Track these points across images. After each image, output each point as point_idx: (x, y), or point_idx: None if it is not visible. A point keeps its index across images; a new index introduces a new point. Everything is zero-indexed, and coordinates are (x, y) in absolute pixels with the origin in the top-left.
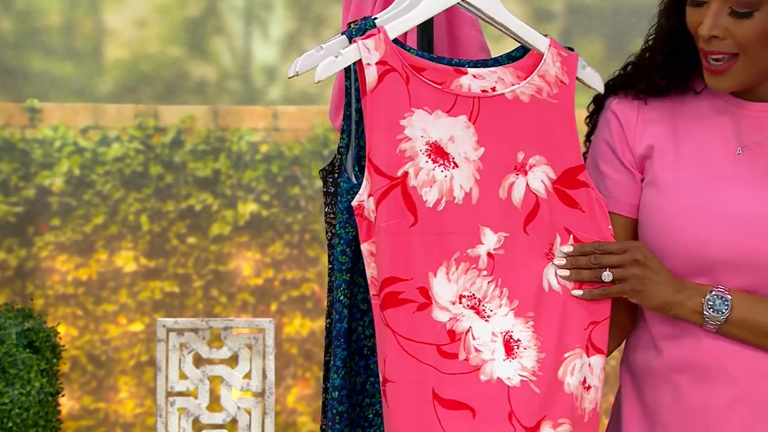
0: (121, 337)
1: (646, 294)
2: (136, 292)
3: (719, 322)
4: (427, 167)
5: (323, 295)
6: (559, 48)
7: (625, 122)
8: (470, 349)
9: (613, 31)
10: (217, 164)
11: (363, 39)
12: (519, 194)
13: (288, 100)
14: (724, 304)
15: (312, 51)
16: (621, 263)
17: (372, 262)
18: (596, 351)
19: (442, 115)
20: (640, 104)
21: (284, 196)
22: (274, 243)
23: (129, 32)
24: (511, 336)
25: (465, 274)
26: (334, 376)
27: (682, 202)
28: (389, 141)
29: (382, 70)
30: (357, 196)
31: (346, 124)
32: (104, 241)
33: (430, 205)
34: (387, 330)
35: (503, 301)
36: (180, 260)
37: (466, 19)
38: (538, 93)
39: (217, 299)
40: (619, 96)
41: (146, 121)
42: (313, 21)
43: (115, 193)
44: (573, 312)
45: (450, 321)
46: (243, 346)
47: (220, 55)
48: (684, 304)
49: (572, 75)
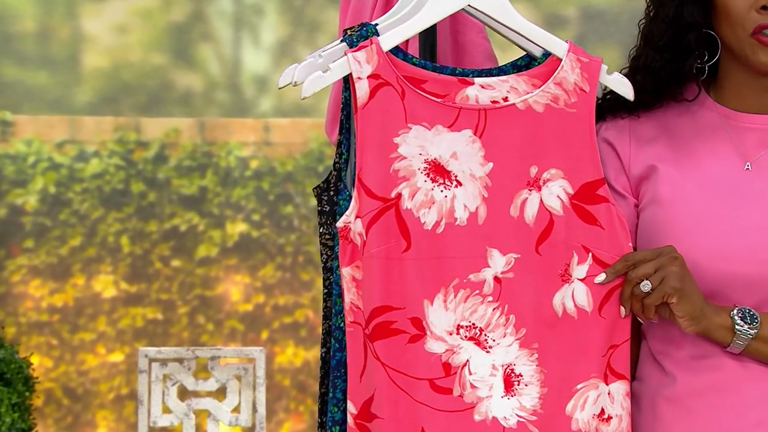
0: (100, 368)
1: (686, 294)
2: (116, 320)
3: (750, 337)
4: (425, 187)
5: (318, 322)
6: (579, 53)
7: (619, 147)
8: (466, 384)
9: (630, 38)
10: (204, 181)
11: (354, 51)
12: (532, 211)
13: (280, 112)
14: (754, 319)
15: (310, 59)
16: (659, 266)
17: (353, 287)
18: (617, 377)
19: (443, 130)
20: (631, 123)
21: (276, 215)
22: (265, 266)
23: (109, 39)
24: (512, 370)
25: (464, 302)
26: (334, 410)
27: (694, 217)
28: (381, 160)
29: (374, 85)
30: (343, 216)
31: (344, 137)
32: (81, 265)
33: (428, 228)
34: (377, 363)
35: (508, 330)
36: (163, 285)
37: (471, 25)
38: (554, 102)
39: (204, 327)
40: (608, 121)
41: (127, 134)
42: (308, 27)
43: (93, 212)
44: (590, 337)
45: (446, 353)
46: (231, 377)
47: (207, 63)
48: (712, 318)
49: (594, 82)
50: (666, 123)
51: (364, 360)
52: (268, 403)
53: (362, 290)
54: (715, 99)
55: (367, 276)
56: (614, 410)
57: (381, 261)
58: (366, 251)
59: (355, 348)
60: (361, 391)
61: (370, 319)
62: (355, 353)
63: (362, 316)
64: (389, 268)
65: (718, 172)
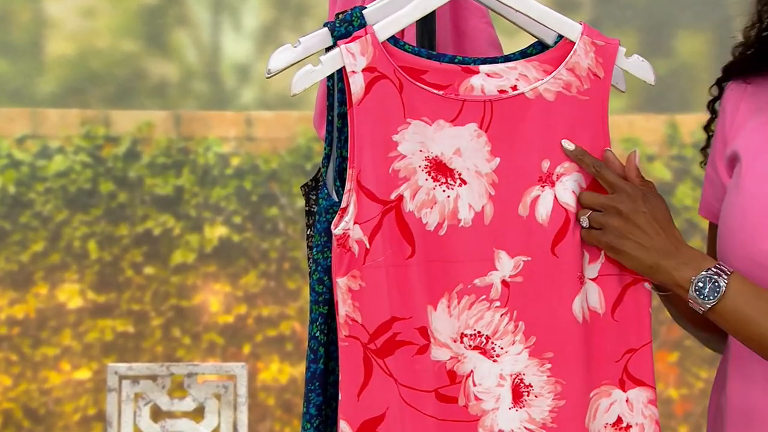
0: (64, 387)
1: (623, 253)
2: (83, 333)
3: (702, 309)
4: (427, 186)
5: (305, 336)
6: (594, 36)
7: (731, 113)
8: (470, 396)
9: (650, 23)
10: (180, 180)
11: (347, 42)
12: (546, 209)
13: (264, 104)
14: (715, 290)
15: (287, 45)
16: (603, 207)
17: (349, 299)
18: (636, 383)
19: (445, 125)
20: (750, 87)
21: (259, 217)
22: (248, 273)
23: (74, 23)
24: (521, 380)
25: (469, 309)
26: (307, 426)
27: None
28: (380, 160)
29: (370, 78)
30: (342, 222)
31: (327, 131)
32: (44, 272)
33: (430, 229)
34: (389, 381)
35: (517, 338)
36: (135, 294)
37: (474, 9)
38: (566, 89)
39: (180, 341)
40: (735, 81)
41: (95, 129)
42: (294, 10)
43: (57, 214)
44: (605, 341)
45: (451, 360)
46: (210, 396)
47: (184, 50)
48: (670, 273)
49: (609, 67)
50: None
51: (366, 377)
52: (251, 424)
53: (361, 302)
54: None
55: (371, 287)
56: (634, 418)
57: (387, 270)
58: (369, 260)
59: (351, 364)
60: (360, 409)
61: (378, 334)
62: (351, 369)
63: (362, 329)
64: (395, 276)
65: None
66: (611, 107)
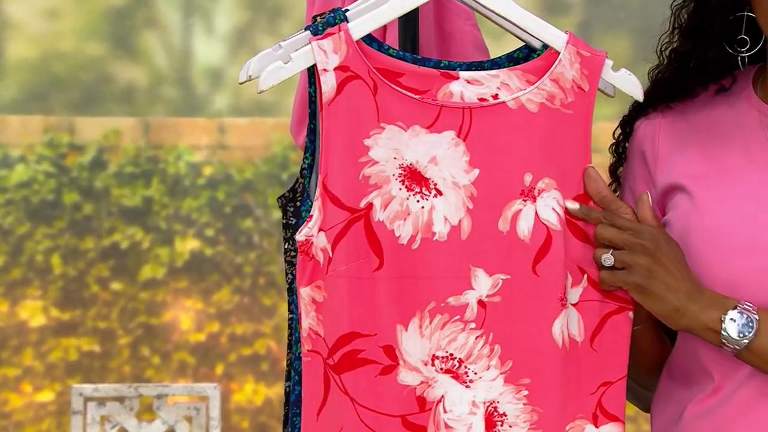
0: (25, 409)
1: (650, 294)
2: (45, 352)
3: (738, 348)
4: (400, 196)
5: (282, 354)
6: (580, 46)
7: (650, 151)
8: (440, 424)
9: (642, 26)
10: (149, 191)
11: (319, 39)
12: (527, 225)
13: (238, 111)
14: (748, 326)
15: (269, 50)
16: (627, 245)
17: (312, 311)
18: (609, 418)
19: (421, 131)
20: (665, 120)
21: (233, 230)
22: (221, 289)
23: (36, 25)
24: (495, 408)
25: (441, 329)
26: None
27: (726, 237)
28: (349, 165)
29: (342, 78)
30: (305, 229)
31: (309, 140)
32: (5, 288)
33: (403, 242)
34: (344, 399)
35: (492, 362)
36: (101, 311)
37: (459, 10)
38: (549, 101)
39: (149, 360)
40: (649, 116)
41: (59, 136)
42: (269, 12)
43: (18, 227)
44: (582, 371)
45: (421, 385)
46: (181, 418)
47: (153, 53)
48: (697, 316)
49: (594, 80)
50: (698, 116)
51: (324, 395)
52: None
53: (324, 314)
54: (761, 96)
55: (332, 298)
56: None
57: (349, 281)
58: (331, 270)
59: (312, 380)
60: (319, 430)
61: (336, 348)
62: (312, 387)
63: (323, 344)
64: (358, 289)
65: (756, 180)
66: (600, 113)
